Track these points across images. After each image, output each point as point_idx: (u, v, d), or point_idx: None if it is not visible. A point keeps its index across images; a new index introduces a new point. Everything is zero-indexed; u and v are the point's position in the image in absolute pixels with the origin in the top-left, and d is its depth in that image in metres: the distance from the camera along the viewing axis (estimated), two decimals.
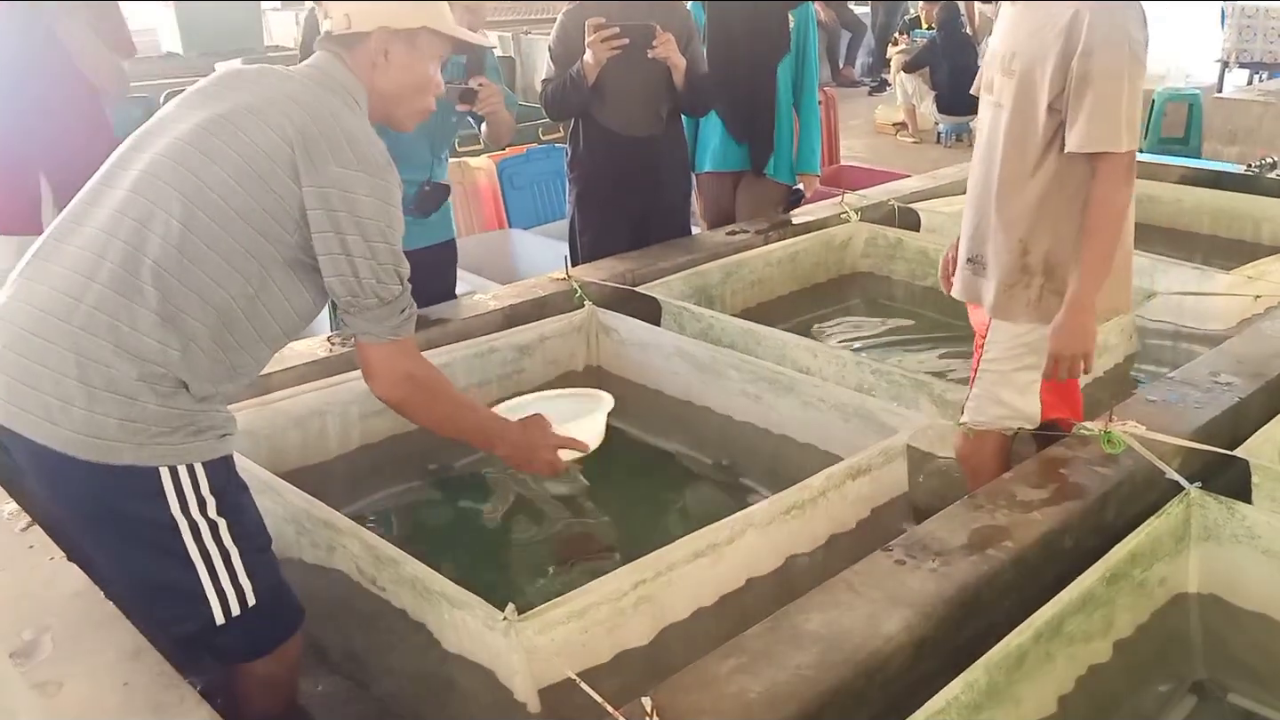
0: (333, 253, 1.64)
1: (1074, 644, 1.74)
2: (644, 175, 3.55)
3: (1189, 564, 2.00)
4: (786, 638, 1.63)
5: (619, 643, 1.86)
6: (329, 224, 1.63)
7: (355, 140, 1.66)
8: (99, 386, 1.54)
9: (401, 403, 1.82)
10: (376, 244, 1.65)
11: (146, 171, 1.63)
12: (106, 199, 1.64)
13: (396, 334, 1.73)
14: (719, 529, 2.00)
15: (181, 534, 1.61)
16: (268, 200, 1.62)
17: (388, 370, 1.76)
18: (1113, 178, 2.11)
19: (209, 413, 1.65)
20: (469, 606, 1.77)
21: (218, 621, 1.65)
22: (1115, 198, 2.13)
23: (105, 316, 1.55)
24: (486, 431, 1.95)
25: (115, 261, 1.57)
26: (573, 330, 3.09)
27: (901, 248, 3.91)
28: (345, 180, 1.63)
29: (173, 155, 1.63)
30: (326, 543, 2.09)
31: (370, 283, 1.66)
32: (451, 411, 1.90)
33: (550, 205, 5.21)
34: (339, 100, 1.71)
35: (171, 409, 1.59)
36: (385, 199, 1.66)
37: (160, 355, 1.57)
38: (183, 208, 1.59)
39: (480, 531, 2.64)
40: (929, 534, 1.91)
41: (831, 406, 2.58)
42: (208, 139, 1.63)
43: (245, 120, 1.64)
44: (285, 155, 1.62)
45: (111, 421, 1.54)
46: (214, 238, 1.60)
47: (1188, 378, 2.52)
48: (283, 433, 2.57)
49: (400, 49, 1.76)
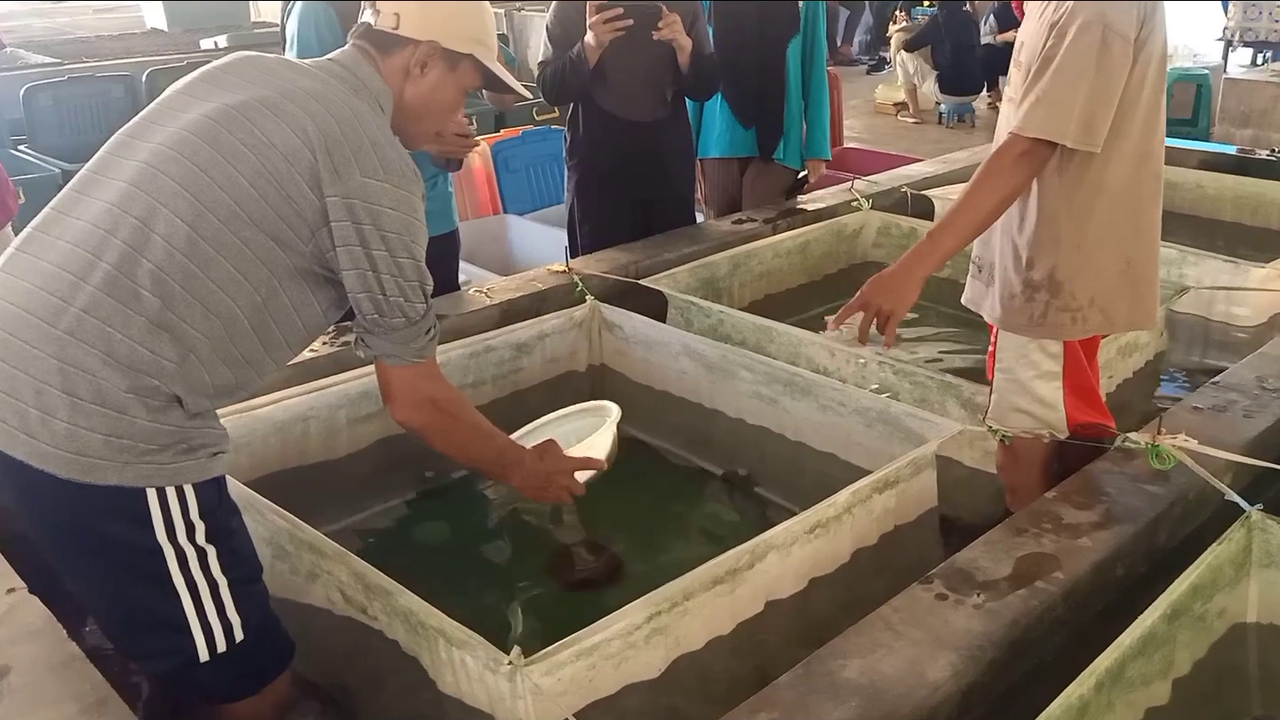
0: (360, 268, 1.52)
1: (1134, 689, 1.58)
2: (648, 162, 3.37)
3: (1249, 593, 1.84)
4: (822, 687, 1.47)
5: (626, 676, 1.71)
6: (356, 237, 1.51)
7: (380, 147, 1.53)
8: (84, 398, 1.40)
9: (422, 429, 1.71)
10: (402, 259, 1.53)
11: (149, 164, 1.48)
12: (102, 191, 1.49)
13: (420, 356, 1.63)
14: (739, 554, 1.84)
15: (167, 562, 1.48)
16: (283, 206, 1.49)
17: (410, 394, 1.65)
18: (1011, 156, 1.92)
19: (202, 429, 1.51)
20: (470, 647, 1.61)
21: (202, 658, 1.52)
22: (1001, 177, 1.94)
23: (96, 322, 1.41)
24: (504, 461, 1.86)
25: (111, 262, 1.43)
26: (573, 327, 2.91)
27: (916, 237, 3.70)
28: (369, 191, 1.50)
29: (179, 148, 1.49)
30: (308, 569, 1.92)
31: (397, 300, 1.55)
32: (471, 439, 1.80)
33: (546, 189, 5.02)
34: (363, 103, 1.59)
35: (162, 425, 1.45)
36: (411, 211, 1.54)
37: (154, 366, 1.44)
38: (190, 208, 1.45)
39: (477, 549, 2.47)
40: (971, 563, 1.75)
41: (853, 411, 2.42)
42: (219, 133, 1.49)
43: (261, 116, 1.50)
44: (305, 159, 1.49)
45: (96, 437, 1.41)
46: (223, 242, 1.46)
47: (1233, 383, 2.36)
48: (263, 439, 2.40)
49: (440, 68, 1.67)
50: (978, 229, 2.03)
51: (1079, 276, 2.04)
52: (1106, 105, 1.91)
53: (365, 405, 2.54)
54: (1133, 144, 1.98)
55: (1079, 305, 2.06)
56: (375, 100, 1.61)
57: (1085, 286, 2.05)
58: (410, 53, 1.64)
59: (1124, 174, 2.00)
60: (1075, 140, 1.90)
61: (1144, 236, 2.09)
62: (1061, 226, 2.03)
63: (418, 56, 1.65)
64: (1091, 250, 2.03)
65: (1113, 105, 1.92)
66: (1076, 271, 2.04)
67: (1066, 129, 1.89)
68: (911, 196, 3.98)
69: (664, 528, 2.52)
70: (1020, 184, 1.97)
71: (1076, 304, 2.06)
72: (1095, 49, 1.86)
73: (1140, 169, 2.02)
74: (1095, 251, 2.03)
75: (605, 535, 2.48)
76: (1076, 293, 2.05)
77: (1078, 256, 2.03)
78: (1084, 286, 2.05)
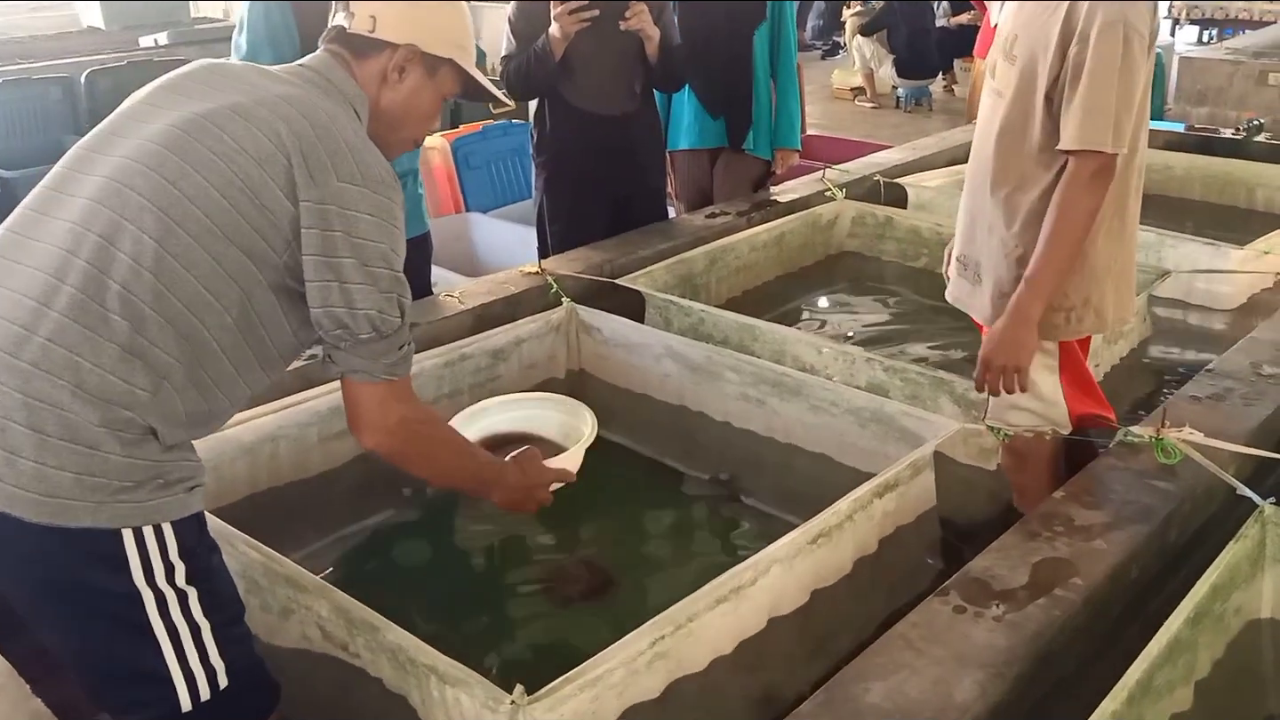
0: (324, 279, 1.41)
1: (1161, 699, 1.53)
2: (618, 156, 3.28)
3: (1264, 588, 1.80)
4: (846, 716, 1.40)
5: (627, 701, 1.64)
6: (324, 246, 1.40)
7: (357, 151, 1.43)
8: (53, 435, 1.29)
9: (394, 454, 1.59)
10: (378, 269, 1.43)
11: (112, 179, 1.37)
12: (61, 209, 1.38)
13: (392, 373, 1.51)
14: (742, 570, 1.76)
15: (146, 608, 1.36)
16: (256, 216, 1.38)
17: (379, 416, 1.52)
18: (1084, 180, 1.89)
19: (179, 462, 1.40)
20: (466, 685, 1.52)
21: (184, 708, 1.41)
22: (1083, 202, 1.90)
23: (64, 351, 1.30)
24: (483, 479, 1.75)
25: (75, 285, 1.32)
26: (550, 331, 2.82)
27: (891, 226, 3.68)
28: (346, 196, 1.40)
29: (144, 160, 1.38)
30: (282, 604, 1.81)
31: (368, 314, 1.43)
32: (449, 462, 1.69)
33: (509, 186, 4.90)
34: (339, 107, 1.49)
35: (137, 460, 1.34)
36: (389, 218, 1.44)
37: (127, 397, 1.33)
38: (157, 223, 1.35)
39: (461, 570, 2.37)
40: (986, 572, 1.68)
41: (845, 411, 2.35)
42: (187, 143, 1.38)
43: (231, 123, 1.40)
44: (280, 164, 1.39)
45: (67, 476, 1.30)
46: (193, 259, 1.36)
47: (1229, 370, 2.33)
48: (230, 463, 2.27)
49: (418, 73, 1.58)
50: (1073, 259, 1.96)
51: (1072, 276, 1.99)
52: (1129, 106, 1.88)
53: (337, 422, 2.42)
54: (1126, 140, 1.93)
55: (1072, 305, 2.02)
56: (350, 106, 1.52)
57: (1079, 286, 2.00)
58: (388, 57, 1.55)
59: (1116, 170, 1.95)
60: (1115, 146, 1.86)
61: (1128, 231, 2.05)
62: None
63: (395, 61, 1.55)
64: (1085, 248, 1.98)
65: (1135, 105, 1.89)
66: (1072, 270, 1.98)
67: (1107, 138, 1.85)
68: (884, 185, 3.92)
69: (652, 539, 2.44)
70: (1099, 201, 1.92)
71: (1069, 304, 2.02)
72: (1119, 51, 1.83)
73: (1129, 164, 1.98)
74: (1089, 250, 1.98)
75: (592, 549, 2.39)
76: (1069, 292, 2.00)
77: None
78: (1077, 286, 2.00)
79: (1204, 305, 3.19)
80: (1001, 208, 2.04)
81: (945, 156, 4.36)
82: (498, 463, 1.79)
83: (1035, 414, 2.12)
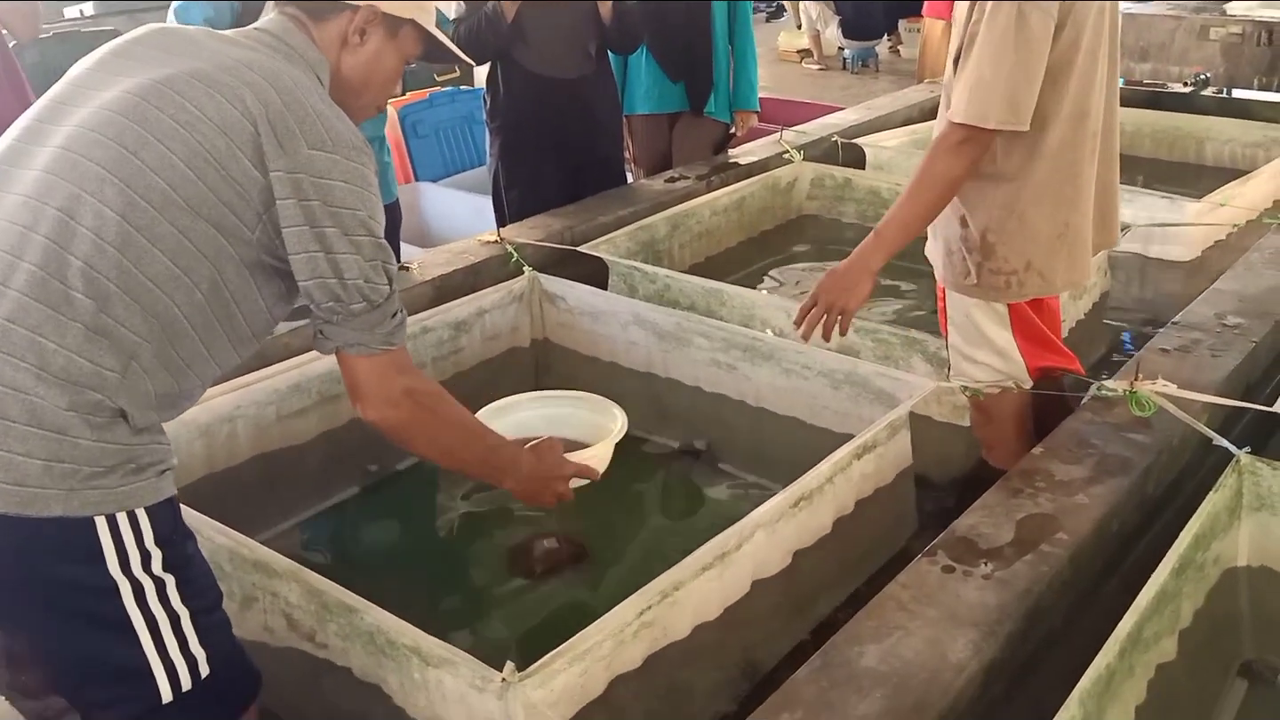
0: (309, 250, 1.35)
1: (1149, 650, 1.53)
2: (575, 121, 3.21)
3: (1240, 537, 1.81)
4: (842, 680, 1.38)
5: (615, 672, 1.61)
6: (303, 216, 1.34)
7: (325, 117, 1.37)
8: (19, 420, 1.23)
9: (399, 426, 1.52)
10: (359, 237, 1.37)
11: (67, 149, 1.30)
12: (12, 183, 1.31)
13: (389, 343, 1.46)
14: (727, 537, 1.74)
15: (122, 598, 1.30)
16: (224, 188, 1.32)
17: (382, 387, 1.47)
18: (949, 146, 1.88)
19: (149, 445, 1.34)
20: (451, 665, 1.47)
21: (165, 699, 1.35)
22: (940, 167, 1.90)
23: (24, 332, 1.24)
24: (495, 463, 1.69)
25: (34, 262, 1.25)
26: (513, 301, 2.75)
27: (850, 187, 3.66)
28: (317, 164, 1.34)
29: (101, 129, 1.30)
30: (245, 592, 1.75)
31: (356, 284, 1.38)
32: (457, 438, 1.62)
33: (459, 154, 4.81)
34: (301, 72, 1.42)
35: (108, 444, 1.27)
36: (364, 184, 1.39)
37: (95, 379, 1.26)
38: (119, 195, 1.28)
39: (432, 547, 2.32)
40: (971, 530, 1.67)
41: (818, 373, 2.33)
42: (146, 110, 1.31)
43: (192, 89, 1.33)
44: (247, 133, 1.32)
45: (35, 463, 1.23)
46: (159, 233, 1.29)
47: (1194, 322, 2.34)
48: (186, 445, 2.18)
49: (379, 35, 1.52)
50: (923, 220, 1.98)
51: (1013, 240, 1.98)
52: (1029, 80, 1.83)
53: (296, 400, 2.35)
54: (1070, 104, 1.91)
55: (1013, 269, 2.01)
56: (311, 70, 1.45)
57: (1019, 250, 1.99)
58: (347, 19, 1.48)
59: (1061, 135, 1.93)
60: (1000, 122, 1.84)
61: (1082, 196, 2.03)
62: (992, 188, 1.96)
63: (356, 23, 1.49)
64: (1027, 213, 1.97)
65: (1037, 80, 1.84)
66: (1010, 235, 1.98)
67: (990, 112, 1.83)
68: (842, 145, 3.90)
69: (624, 508, 2.40)
70: (961, 172, 1.91)
71: (1010, 268, 2.01)
72: (1012, 26, 1.79)
73: (1079, 129, 1.95)
74: (1031, 215, 1.97)
75: (564, 521, 2.35)
76: (1010, 256, 1.99)
77: (1010, 219, 1.97)
78: (1018, 250, 1.99)
79: (1161, 258, 3.22)
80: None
81: (901, 116, 4.35)
82: (512, 448, 1.73)
83: (994, 369, 2.12)
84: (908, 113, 4.41)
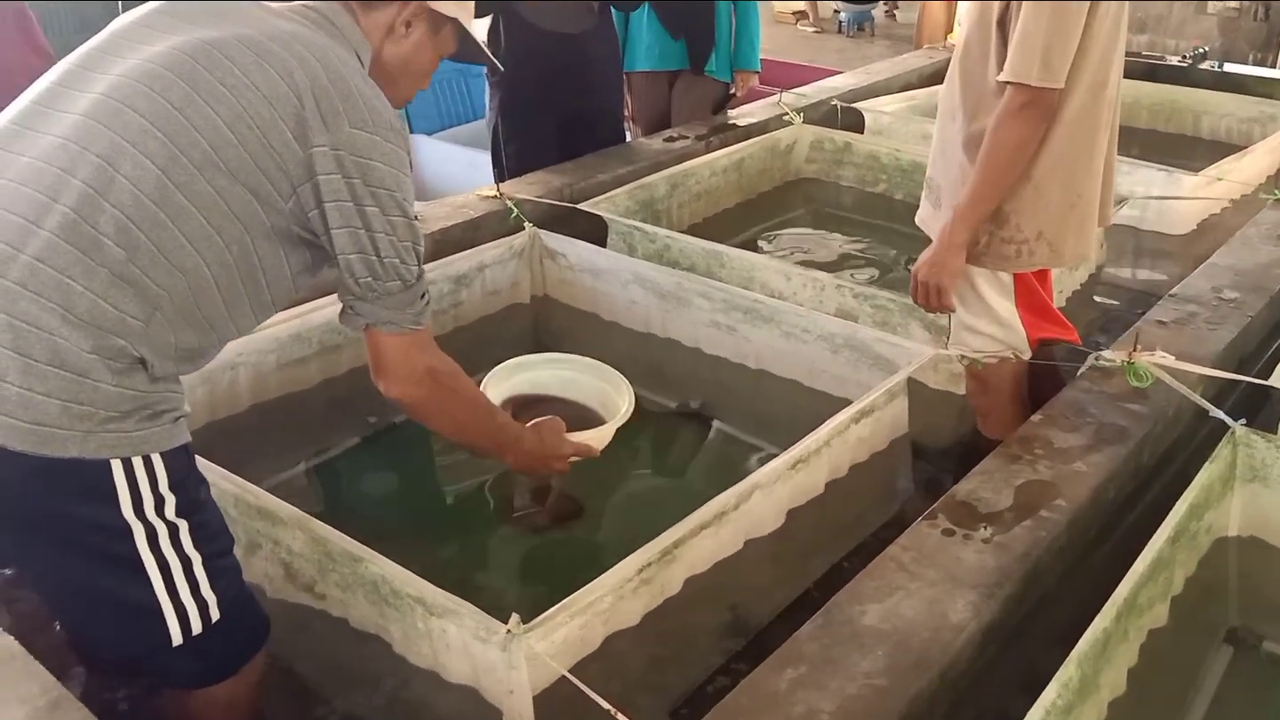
0: (353, 226, 1.38)
1: (1143, 615, 1.56)
2: (575, 76, 3.19)
3: (1232, 507, 1.85)
4: (845, 637, 1.40)
5: (612, 627, 1.64)
6: (347, 192, 1.37)
7: (367, 98, 1.39)
8: (41, 359, 1.23)
9: (420, 403, 1.58)
10: (395, 217, 1.41)
11: (110, 97, 1.30)
12: (50, 124, 1.30)
13: (418, 323, 1.51)
14: (727, 499, 1.75)
15: (136, 541, 1.32)
16: (263, 156, 1.33)
17: (408, 365, 1.52)
18: (1012, 112, 1.88)
19: (165, 393, 1.35)
20: (456, 615, 1.49)
21: (175, 642, 1.37)
22: (1009, 135, 1.90)
23: (53, 272, 1.24)
24: (499, 440, 1.76)
25: (69, 205, 1.25)
26: (514, 256, 2.75)
27: (850, 152, 3.65)
28: (358, 143, 1.37)
29: (147, 81, 1.30)
30: (249, 539, 1.76)
31: (392, 262, 1.42)
32: (470, 415, 1.69)
33: (456, 107, 4.76)
34: (346, 52, 1.44)
35: (126, 390, 1.29)
36: (400, 166, 1.42)
37: (119, 325, 1.27)
38: (162, 149, 1.28)
39: (431, 500, 2.33)
40: (971, 495, 1.70)
41: (817, 337, 2.34)
42: (194, 69, 1.31)
43: (241, 55, 1.34)
44: (292, 106, 1.34)
45: (54, 403, 1.24)
46: (196, 191, 1.30)
47: (1191, 295, 2.37)
48: (189, 391, 2.17)
49: (424, 29, 1.54)
50: (997, 190, 1.96)
51: (1027, 209, 1.99)
52: (1065, 39, 1.84)
53: (297, 348, 2.35)
54: (1090, 73, 1.92)
55: (1025, 238, 2.02)
56: (354, 52, 1.47)
57: (1032, 220, 2.00)
58: (396, 10, 1.51)
59: (1081, 103, 1.93)
60: (1039, 79, 1.84)
61: (1094, 167, 2.04)
62: None
63: (404, 15, 1.52)
64: (1042, 182, 1.97)
65: (1073, 39, 1.85)
66: (1025, 204, 1.99)
67: (1031, 69, 1.83)
68: (842, 109, 3.88)
69: (622, 466, 2.41)
70: (1028, 136, 1.91)
71: (1022, 237, 2.01)
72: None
73: (1098, 98, 1.96)
74: (1047, 184, 1.98)
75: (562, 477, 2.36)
76: (1023, 225, 2.00)
77: (1026, 188, 1.98)
78: (1030, 220, 2.00)
79: (1156, 230, 3.23)
80: (961, 134, 2.03)
81: (900, 81, 4.34)
82: (516, 426, 1.80)
83: (994, 338, 2.13)
84: (907, 78, 4.39)
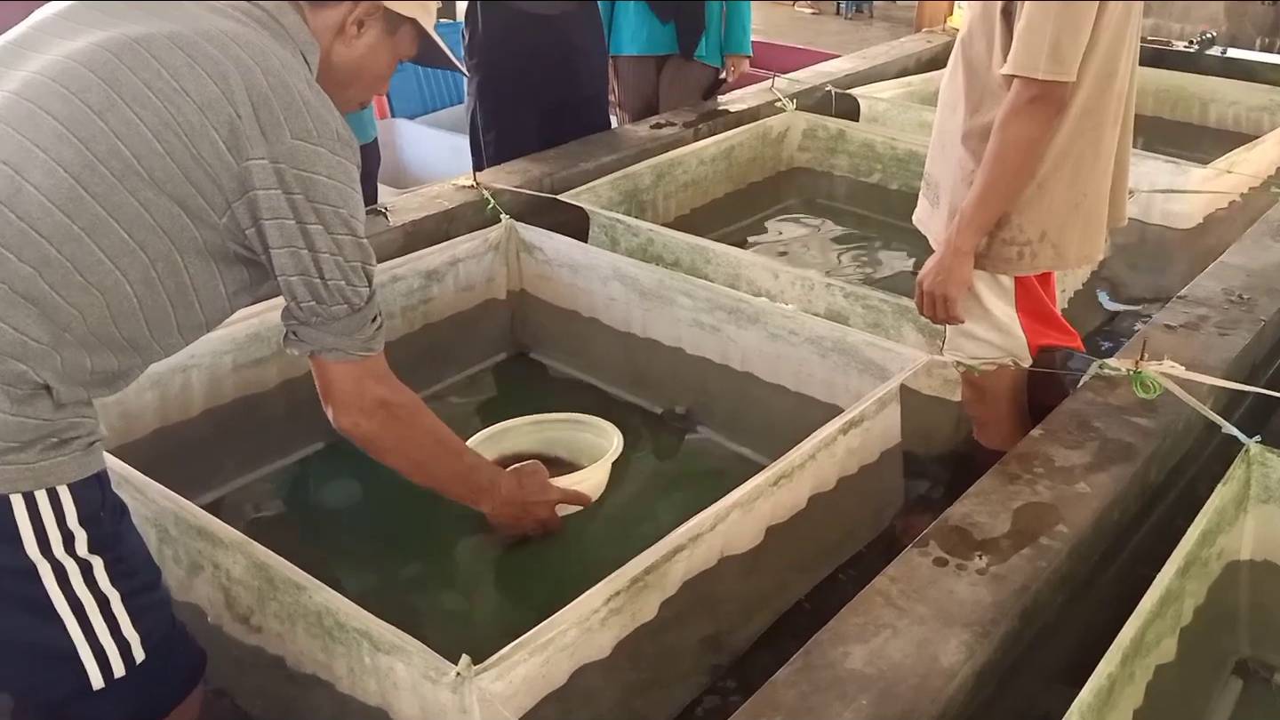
0: (294, 245, 1.26)
1: (1150, 654, 1.45)
2: (557, 60, 3.05)
3: (1245, 529, 1.73)
4: (826, 683, 1.28)
5: (579, 661, 1.52)
6: (288, 209, 1.25)
7: (312, 106, 1.27)
8: None
9: (370, 438, 1.47)
10: (341, 236, 1.29)
11: (21, 96, 1.17)
12: None
13: (369, 349, 1.39)
14: (703, 520, 1.63)
15: (44, 582, 1.20)
16: (192, 167, 1.21)
17: (357, 396, 1.41)
18: (1020, 107, 1.76)
19: (73, 419, 1.22)
20: (404, 653, 1.37)
21: (95, 686, 1.26)
22: (1017, 131, 1.77)
23: None
24: (473, 483, 1.64)
25: None
26: (489, 250, 2.61)
27: (844, 140, 3.51)
28: (301, 155, 1.24)
29: (64, 81, 1.18)
30: (191, 559, 1.64)
31: (338, 284, 1.30)
32: (432, 452, 1.57)
33: (438, 90, 4.62)
34: (290, 54, 1.31)
35: (27, 419, 1.17)
36: (348, 180, 1.30)
37: (19, 348, 1.15)
38: (77, 156, 1.16)
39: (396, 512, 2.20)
40: (965, 519, 1.57)
41: (805, 339, 2.21)
42: (118, 70, 1.19)
43: (171, 56, 1.21)
44: (225, 114, 1.21)
45: None
46: (116, 204, 1.18)
47: (1201, 297, 2.24)
48: (137, 395, 2.07)
49: (377, 30, 1.43)
50: (1006, 191, 1.84)
51: (1029, 208, 1.87)
52: (1075, 30, 1.72)
53: (255, 349, 2.23)
54: (1097, 63, 1.79)
55: (1027, 239, 1.90)
56: (300, 53, 1.34)
57: (1035, 220, 1.88)
58: (348, 9, 1.39)
59: (1087, 96, 1.81)
60: (1047, 72, 1.72)
61: (1101, 163, 1.92)
62: None
63: (356, 14, 1.39)
64: (1047, 180, 1.85)
65: (1084, 30, 1.73)
66: (1027, 202, 1.87)
67: (1038, 62, 1.71)
68: (836, 95, 3.74)
69: None
70: (1037, 133, 1.78)
71: (1025, 238, 1.90)
72: None
73: (1106, 90, 1.84)
74: (1051, 181, 1.86)
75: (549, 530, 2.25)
76: (1025, 226, 1.88)
77: (1029, 186, 1.85)
78: (1033, 220, 1.88)
79: (1161, 224, 3.11)
80: (961, 127, 1.91)
81: (897, 67, 4.19)
82: (491, 469, 1.67)
83: (993, 345, 2.01)
84: (904, 63, 4.25)
